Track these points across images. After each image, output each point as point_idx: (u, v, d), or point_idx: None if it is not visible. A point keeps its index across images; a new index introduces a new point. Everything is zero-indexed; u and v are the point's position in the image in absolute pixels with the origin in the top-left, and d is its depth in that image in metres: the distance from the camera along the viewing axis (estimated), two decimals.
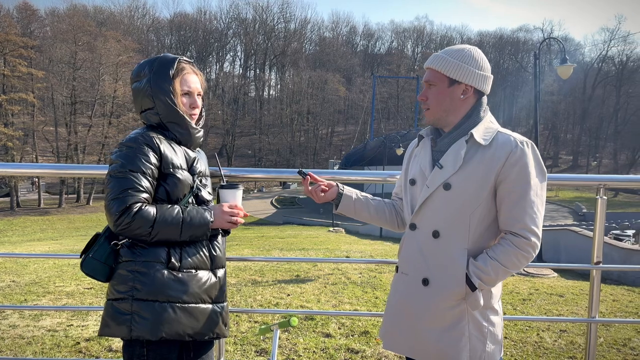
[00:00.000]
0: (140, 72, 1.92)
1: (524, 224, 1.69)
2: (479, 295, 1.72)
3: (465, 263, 1.72)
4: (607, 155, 72.13)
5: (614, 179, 2.44)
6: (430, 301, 1.77)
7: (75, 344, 4.24)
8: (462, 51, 1.80)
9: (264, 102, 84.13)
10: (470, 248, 1.74)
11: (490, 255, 1.72)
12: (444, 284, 1.74)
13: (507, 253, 1.70)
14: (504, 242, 1.72)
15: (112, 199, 1.72)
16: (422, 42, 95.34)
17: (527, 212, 1.69)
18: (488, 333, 1.77)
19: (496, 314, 1.81)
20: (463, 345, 1.73)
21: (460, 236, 1.74)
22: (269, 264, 8.79)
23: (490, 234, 1.78)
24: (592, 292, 2.52)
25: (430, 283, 1.77)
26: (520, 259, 1.70)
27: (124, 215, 1.70)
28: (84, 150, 49.97)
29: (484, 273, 1.71)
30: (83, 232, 29.97)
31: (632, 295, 7.49)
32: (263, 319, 4.98)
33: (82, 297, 6.22)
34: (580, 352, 4.35)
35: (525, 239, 1.69)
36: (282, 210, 44.23)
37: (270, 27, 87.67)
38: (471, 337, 1.74)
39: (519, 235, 1.70)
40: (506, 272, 1.71)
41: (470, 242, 1.74)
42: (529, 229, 1.69)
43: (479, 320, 1.76)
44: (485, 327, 1.77)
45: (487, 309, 1.78)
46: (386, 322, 1.93)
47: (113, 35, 56.04)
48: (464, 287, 1.72)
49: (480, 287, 1.72)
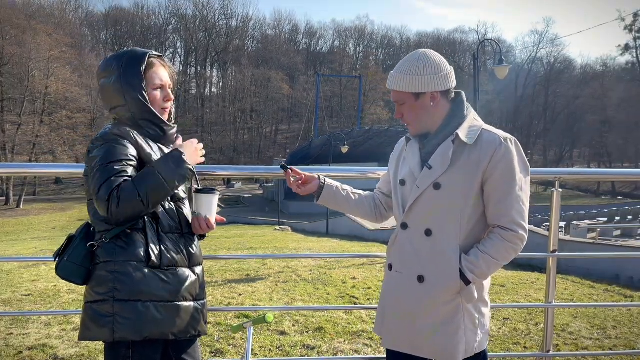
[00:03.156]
0: (108, 67, 1.87)
1: (512, 218, 1.78)
2: (473, 288, 1.81)
3: (458, 259, 1.79)
4: (538, 151, 76.14)
5: (569, 172, 2.61)
6: (426, 297, 1.82)
7: (17, 353, 4.01)
8: (414, 63, 1.83)
9: (205, 100, 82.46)
10: (461, 244, 1.81)
11: (481, 249, 1.79)
12: (439, 280, 1.80)
13: (497, 247, 1.78)
14: (494, 237, 1.80)
15: (97, 192, 1.68)
16: (364, 42, 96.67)
17: (513, 207, 1.78)
18: (479, 324, 1.86)
19: (486, 305, 1.91)
20: (460, 339, 1.80)
21: (452, 233, 1.81)
22: (217, 263, 8.67)
23: (480, 229, 1.86)
24: (549, 279, 2.69)
25: (425, 280, 1.82)
26: (510, 251, 1.80)
27: (111, 203, 1.66)
28: (13, 150, 47.10)
29: (476, 267, 1.78)
30: (14, 236, 28.31)
31: (566, 284, 7.97)
32: (216, 319, 4.90)
33: (21, 304, 5.90)
34: (523, 338, 4.59)
35: (514, 232, 1.78)
36: (227, 209, 43.61)
37: (212, 24, 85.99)
38: (466, 330, 1.81)
39: (507, 229, 1.78)
40: (497, 264, 1.80)
41: (462, 238, 1.82)
42: (517, 222, 1.78)
43: (472, 312, 1.84)
44: (477, 318, 1.85)
45: (479, 301, 1.87)
46: (382, 320, 1.98)
47: (43, 29, 53.03)
48: (458, 282, 1.78)
49: (474, 281, 1.79)
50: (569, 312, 5.48)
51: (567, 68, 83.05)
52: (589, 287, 7.84)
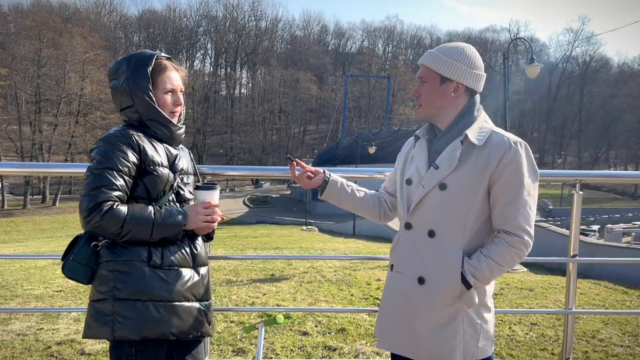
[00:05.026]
0: (118, 69, 1.89)
1: (517, 223, 1.72)
2: (473, 293, 1.75)
3: (461, 262, 1.75)
4: (572, 152, 74.28)
5: (589, 174, 2.52)
6: (425, 299, 1.78)
7: (46, 347, 4.13)
8: (455, 49, 1.81)
9: (235, 101, 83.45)
10: (465, 247, 1.77)
11: (485, 254, 1.74)
12: (440, 282, 1.76)
13: (501, 252, 1.73)
14: (498, 242, 1.75)
15: (83, 195, 1.71)
16: (393, 42, 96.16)
17: (520, 212, 1.72)
18: (481, 330, 1.81)
19: (489, 311, 1.86)
20: (457, 343, 1.76)
21: (456, 235, 1.76)
22: (242, 263, 8.74)
23: (485, 233, 1.81)
24: (569, 284, 2.59)
25: (426, 282, 1.78)
26: (514, 256, 1.74)
27: (94, 213, 1.67)
28: (50, 150, 48.62)
29: (478, 271, 1.73)
30: (49, 234, 29.19)
31: (599, 289, 7.74)
32: (239, 319, 4.95)
33: (52, 300, 6.06)
34: (551, 344, 4.47)
35: (519, 238, 1.72)
36: (255, 209, 43.99)
37: (241, 25, 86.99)
38: (465, 335, 1.77)
39: (512, 234, 1.73)
40: (500, 270, 1.75)
41: (465, 241, 1.77)
42: (522, 228, 1.72)
43: (473, 317, 1.79)
44: (478, 324, 1.80)
45: (480, 306, 1.82)
46: (381, 320, 1.95)
47: (79, 32, 54.68)
48: (459, 286, 1.74)
49: (475, 285, 1.74)
50: (600, 318, 5.32)
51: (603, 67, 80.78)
52: (622, 292, 7.59)
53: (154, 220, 1.75)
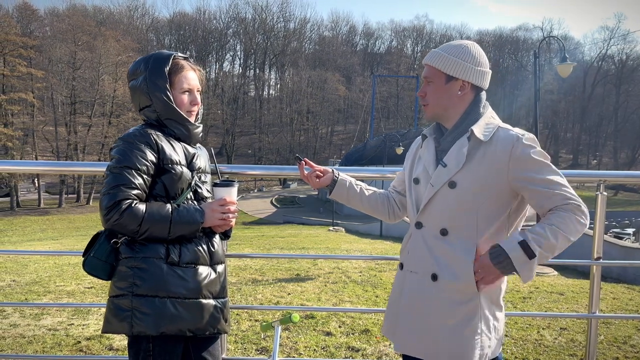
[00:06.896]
0: (136, 70, 1.92)
1: (564, 195, 1.65)
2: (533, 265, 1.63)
3: (473, 258, 1.71)
4: (607, 153, 72.17)
5: (613, 174, 2.44)
6: (439, 296, 1.75)
7: (76, 342, 4.24)
8: (459, 47, 1.80)
9: (263, 102, 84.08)
10: (479, 243, 1.73)
11: (547, 222, 1.65)
12: (453, 278, 1.73)
13: (563, 218, 1.63)
14: (556, 213, 1.65)
15: (103, 194, 1.74)
16: (422, 41, 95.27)
17: (561, 187, 1.66)
18: (493, 328, 1.77)
19: (501, 310, 1.82)
20: (476, 343, 1.72)
21: (469, 232, 1.73)
22: (268, 262, 8.80)
23: (501, 230, 1.76)
24: (592, 288, 2.52)
25: (439, 278, 1.75)
26: (576, 224, 1.63)
27: (113, 211, 1.71)
28: (84, 150, 49.98)
29: (543, 238, 1.61)
30: (83, 231, 29.97)
31: (632, 293, 7.50)
32: (264, 317, 4.98)
33: (83, 296, 6.23)
34: (580, 349, 4.36)
35: (576, 204, 1.64)
36: (282, 209, 44.23)
37: (270, 27, 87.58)
38: (482, 334, 1.73)
39: (567, 204, 1.64)
40: (565, 239, 1.62)
41: (480, 239, 1.73)
42: (573, 197, 1.65)
43: (488, 316, 1.75)
44: (491, 322, 1.77)
45: (495, 304, 1.78)
46: (390, 320, 1.92)
47: (112, 35, 56.05)
48: (472, 283, 1.70)
49: (540, 255, 1.62)
50: (632, 324, 5.15)
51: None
52: None
53: (172, 218, 1.78)
